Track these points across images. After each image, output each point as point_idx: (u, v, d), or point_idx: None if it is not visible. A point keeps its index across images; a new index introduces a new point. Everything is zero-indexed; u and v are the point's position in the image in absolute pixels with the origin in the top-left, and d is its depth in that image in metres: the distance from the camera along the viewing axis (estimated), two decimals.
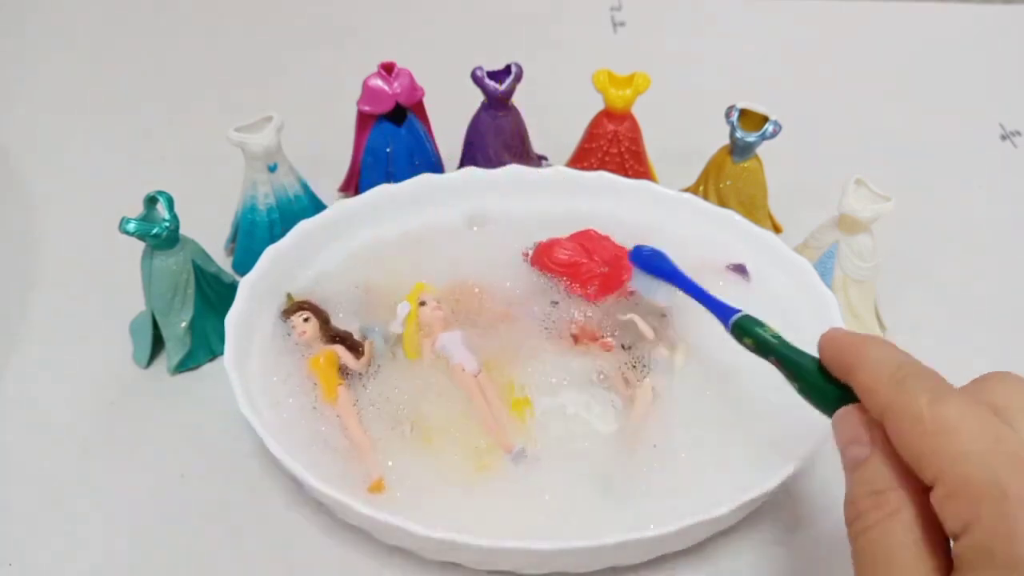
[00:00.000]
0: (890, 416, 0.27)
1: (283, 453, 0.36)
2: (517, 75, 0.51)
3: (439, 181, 0.50)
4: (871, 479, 0.27)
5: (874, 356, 0.29)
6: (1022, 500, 0.23)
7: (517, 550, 0.34)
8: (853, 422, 0.28)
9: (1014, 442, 0.24)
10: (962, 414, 0.25)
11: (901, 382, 0.27)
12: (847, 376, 0.29)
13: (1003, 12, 0.80)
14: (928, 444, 0.25)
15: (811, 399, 0.32)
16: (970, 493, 0.24)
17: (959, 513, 0.24)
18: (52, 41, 0.74)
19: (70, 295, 0.50)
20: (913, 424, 0.26)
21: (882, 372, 0.28)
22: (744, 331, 0.35)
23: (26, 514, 0.40)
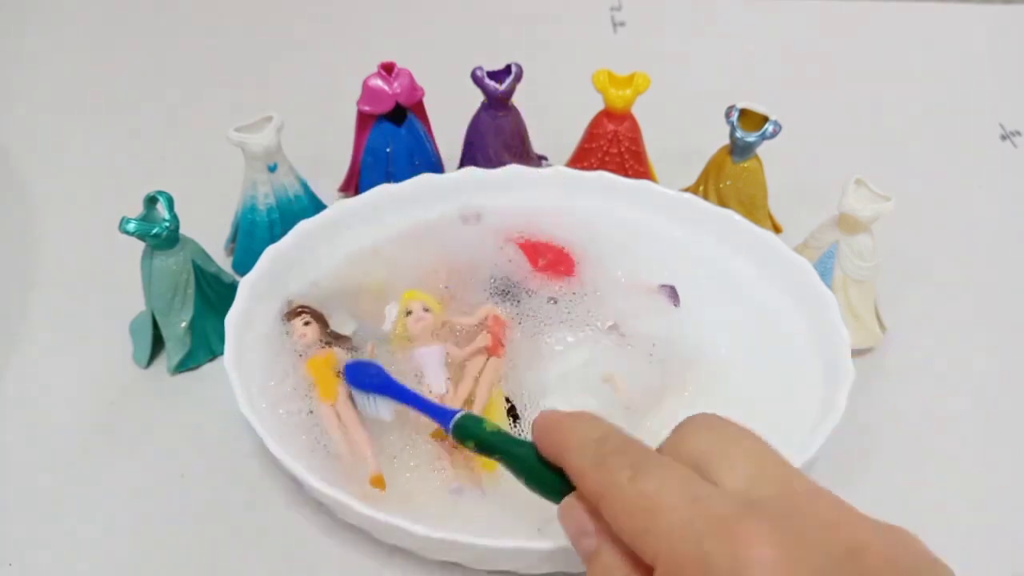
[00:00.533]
0: (599, 499, 0.26)
1: (283, 453, 0.36)
2: (517, 75, 0.51)
3: (439, 181, 0.50)
4: (605, 569, 0.26)
5: (579, 435, 0.28)
6: (722, 565, 0.22)
7: (517, 550, 0.34)
8: (577, 513, 0.27)
9: (713, 501, 0.24)
10: (661, 485, 0.25)
11: (603, 462, 0.26)
12: (559, 461, 0.28)
13: (1003, 12, 0.80)
14: (637, 525, 0.25)
15: (539, 491, 0.30)
16: (683, 571, 0.23)
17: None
18: (52, 41, 0.74)
19: (70, 295, 0.50)
20: (620, 506, 0.25)
21: (586, 452, 0.27)
22: (466, 433, 0.33)
23: (26, 514, 0.40)
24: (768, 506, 0.24)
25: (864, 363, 0.46)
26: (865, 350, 0.47)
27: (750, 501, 0.24)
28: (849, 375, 0.40)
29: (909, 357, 0.48)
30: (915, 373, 0.47)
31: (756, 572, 0.22)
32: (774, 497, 0.25)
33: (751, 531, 0.23)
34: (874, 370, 0.47)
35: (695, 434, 0.27)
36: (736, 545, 0.22)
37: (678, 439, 0.27)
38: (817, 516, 0.24)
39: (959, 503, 0.41)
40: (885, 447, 0.43)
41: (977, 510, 0.41)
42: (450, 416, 0.34)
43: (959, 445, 0.44)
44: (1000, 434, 0.45)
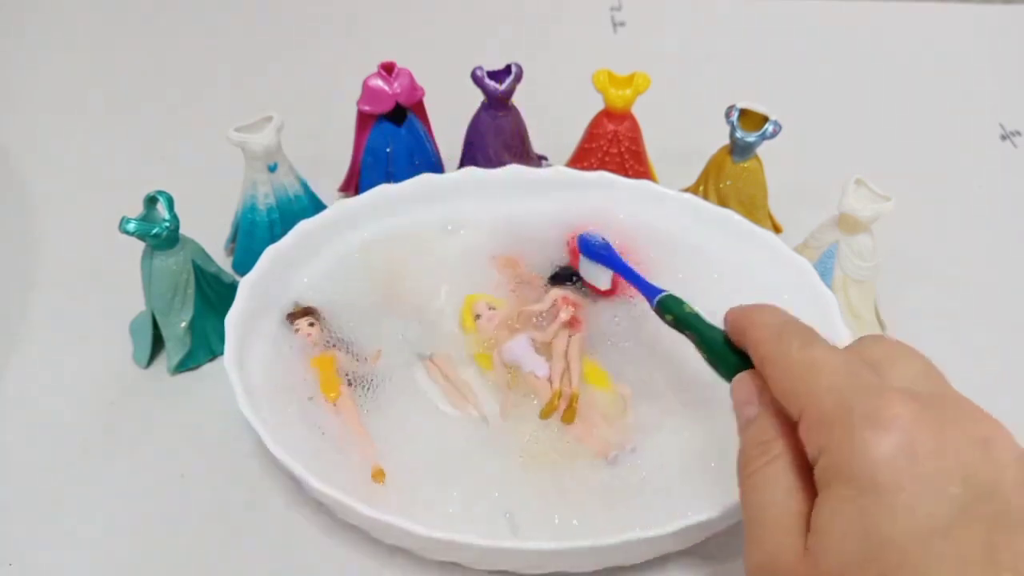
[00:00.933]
0: (768, 364, 0.29)
1: (283, 453, 0.36)
2: (517, 75, 0.51)
3: (439, 181, 0.50)
4: (759, 432, 0.28)
5: (763, 318, 0.31)
6: (865, 418, 0.24)
7: (517, 550, 0.34)
8: (747, 385, 0.30)
9: (867, 374, 0.26)
10: (826, 356, 0.27)
11: (780, 335, 0.29)
12: (743, 337, 0.31)
13: (1003, 12, 0.80)
14: (795, 383, 0.27)
15: (717, 368, 0.34)
16: (825, 420, 0.25)
17: (816, 440, 0.26)
18: (52, 41, 0.74)
19: (70, 295, 0.50)
20: (784, 367, 0.28)
21: (766, 329, 0.30)
22: (666, 308, 0.38)
23: (26, 514, 0.40)
24: (920, 394, 0.26)
25: None
26: None
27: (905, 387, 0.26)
28: None
29: None
30: None
31: (893, 424, 0.24)
32: (927, 391, 0.26)
33: (896, 397, 0.25)
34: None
35: (871, 346, 0.29)
36: (878, 403, 0.24)
37: (855, 345, 0.29)
38: (963, 411, 0.26)
39: None
40: None
41: None
42: (656, 292, 0.39)
43: None
44: None
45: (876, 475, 0.23)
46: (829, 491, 0.25)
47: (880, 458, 0.23)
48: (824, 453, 0.25)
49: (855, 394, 0.25)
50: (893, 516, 0.23)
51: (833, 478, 0.25)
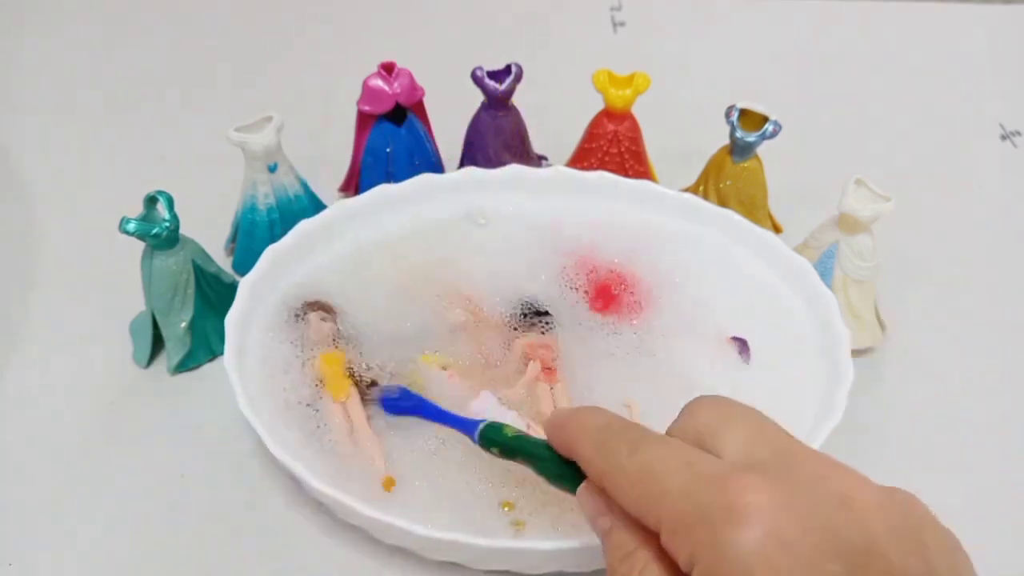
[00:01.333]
0: (604, 480, 0.27)
1: (283, 453, 0.36)
2: (517, 75, 0.51)
3: (439, 181, 0.50)
4: (619, 544, 0.27)
5: (585, 424, 0.29)
6: (721, 515, 0.23)
7: (517, 550, 0.34)
8: (592, 497, 0.29)
9: (708, 463, 0.25)
10: (657, 455, 0.26)
11: (604, 444, 0.28)
12: (570, 453, 0.30)
13: (1003, 12, 0.80)
14: (638, 493, 0.26)
15: (559, 485, 0.32)
16: (683, 528, 0.24)
17: (683, 549, 0.24)
18: (52, 41, 0.74)
19: (70, 295, 0.50)
20: (622, 480, 0.27)
21: (590, 438, 0.29)
22: (490, 441, 0.35)
23: (26, 514, 0.40)
24: (763, 464, 0.25)
25: (864, 363, 0.46)
26: (865, 350, 0.47)
27: (746, 463, 0.25)
28: (849, 375, 0.40)
29: (909, 357, 0.48)
30: (915, 373, 0.47)
31: (750, 514, 0.23)
32: (769, 457, 0.25)
33: (744, 482, 0.24)
34: (874, 370, 0.47)
35: (698, 412, 0.28)
36: (730, 494, 0.23)
37: (682, 419, 0.29)
38: (811, 470, 0.25)
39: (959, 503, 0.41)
40: (885, 447, 0.43)
41: (978, 510, 0.41)
42: (475, 426, 0.36)
43: (959, 445, 0.44)
44: (1000, 434, 0.45)
45: (753, 573, 0.22)
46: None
47: (751, 555, 0.22)
48: (697, 562, 0.24)
49: (702, 491, 0.24)
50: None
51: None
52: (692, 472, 0.25)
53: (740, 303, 0.46)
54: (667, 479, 0.25)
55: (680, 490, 0.25)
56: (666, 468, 0.25)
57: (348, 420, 0.40)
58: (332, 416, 0.40)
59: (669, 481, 0.25)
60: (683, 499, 0.24)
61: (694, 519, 0.24)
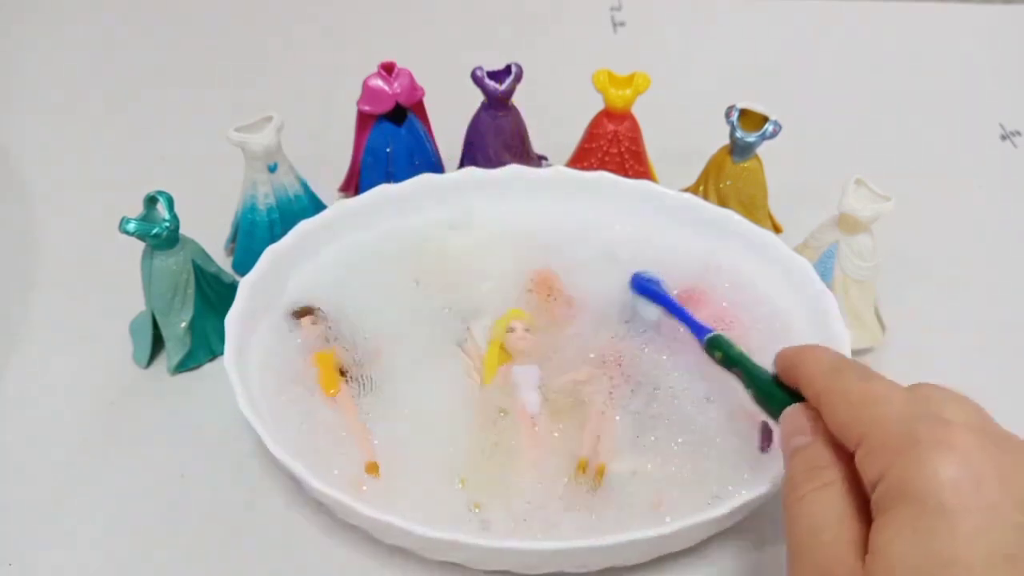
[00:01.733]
0: (825, 395, 0.29)
1: (283, 453, 0.36)
2: (517, 75, 0.51)
3: (439, 181, 0.50)
4: (810, 458, 0.29)
5: (816, 355, 0.32)
6: (932, 443, 0.25)
7: (517, 550, 0.34)
8: (798, 416, 0.31)
9: (925, 405, 0.27)
10: (887, 389, 0.28)
11: (836, 370, 0.30)
12: (793, 373, 0.32)
13: (1003, 12, 0.80)
14: (854, 413, 0.28)
15: (765, 404, 0.35)
16: (889, 446, 0.26)
17: (878, 464, 0.26)
18: (52, 41, 0.74)
19: (70, 295, 0.50)
20: (843, 398, 0.29)
21: (821, 365, 0.31)
22: (715, 346, 0.39)
23: (26, 514, 0.40)
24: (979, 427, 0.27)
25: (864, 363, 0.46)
26: (865, 350, 0.47)
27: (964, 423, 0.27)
28: None
29: (909, 357, 0.48)
30: (915, 373, 0.47)
31: (955, 451, 0.24)
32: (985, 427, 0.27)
33: (960, 429, 0.25)
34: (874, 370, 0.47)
35: (924, 387, 0.29)
36: (942, 432, 0.25)
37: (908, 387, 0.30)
38: (1017, 445, 0.26)
39: None
40: None
41: None
42: (705, 332, 0.40)
43: None
44: None
45: (942, 498, 0.24)
46: (890, 513, 0.25)
47: (947, 481, 0.24)
48: (885, 477, 0.25)
49: (920, 422, 0.26)
50: (959, 538, 0.23)
51: (896, 500, 0.25)
52: (916, 407, 0.27)
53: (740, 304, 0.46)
54: (889, 405, 0.27)
55: (898, 416, 0.26)
56: (891, 398, 0.27)
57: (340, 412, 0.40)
58: (328, 416, 0.40)
59: (890, 407, 0.27)
60: (898, 423, 0.26)
61: (902, 440, 0.25)
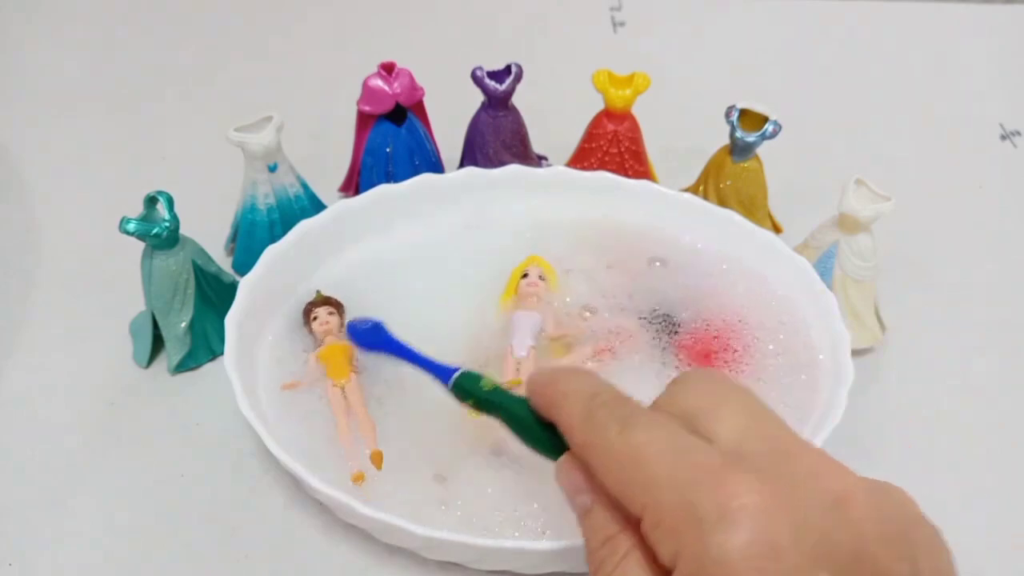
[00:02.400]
0: (588, 454, 0.26)
1: (283, 453, 0.36)
2: (517, 75, 0.51)
3: (439, 181, 0.50)
4: (599, 526, 0.26)
5: (571, 389, 0.28)
6: (712, 516, 0.22)
7: (517, 550, 0.34)
8: (572, 471, 0.27)
9: (700, 452, 0.24)
10: (649, 438, 0.25)
11: (592, 416, 0.26)
12: (551, 417, 0.28)
13: (1003, 12, 0.80)
14: (624, 476, 0.25)
15: (536, 448, 0.30)
16: (669, 521, 0.23)
17: (666, 545, 0.23)
18: (52, 41, 0.74)
19: (70, 295, 0.50)
20: (608, 459, 0.25)
21: (575, 408, 0.27)
22: (463, 391, 0.33)
23: (26, 514, 0.40)
24: (756, 458, 0.24)
25: (864, 363, 0.46)
26: (865, 350, 0.47)
27: (738, 454, 0.24)
28: (849, 375, 0.40)
29: (909, 357, 0.48)
30: (915, 373, 0.47)
31: (741, 519, 0.22)
32: (762, 451, 0.24)
33: (736, 480, 0.23)
34: (874, 370, 0.47)
35: (689, 389, 0.27)
36: (721, 494, 0.22)
37: (672, 393, 0.27)
38: (804, 467, 0.24)
39: (959, 503, 0.41)
40: (885, 447, 0.43)
41: (977, 510, 0.41)
42: (449, 374, 0.34)
43: (959, 445, 0.44)
44: (1000, 434, 0.44)
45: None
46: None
47: (739, 561, 0.21)
48: (681, 558, 0.23)
49: (692, 486, 0.23)
50: None
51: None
52: (683, 462, 0.24)
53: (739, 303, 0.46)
54: (656, 465, 0.24)
55: (669, 480, 0.23)
56: (656, 453, 0.24)
57: (345, 402, 0.41)
58: (332, 399, 0.41)
59: (658, 468, 0.24)
60: (671, 491, 0.23)
61: (682, 516, 0.23)
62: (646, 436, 0.25)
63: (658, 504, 0.23)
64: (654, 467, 0.24)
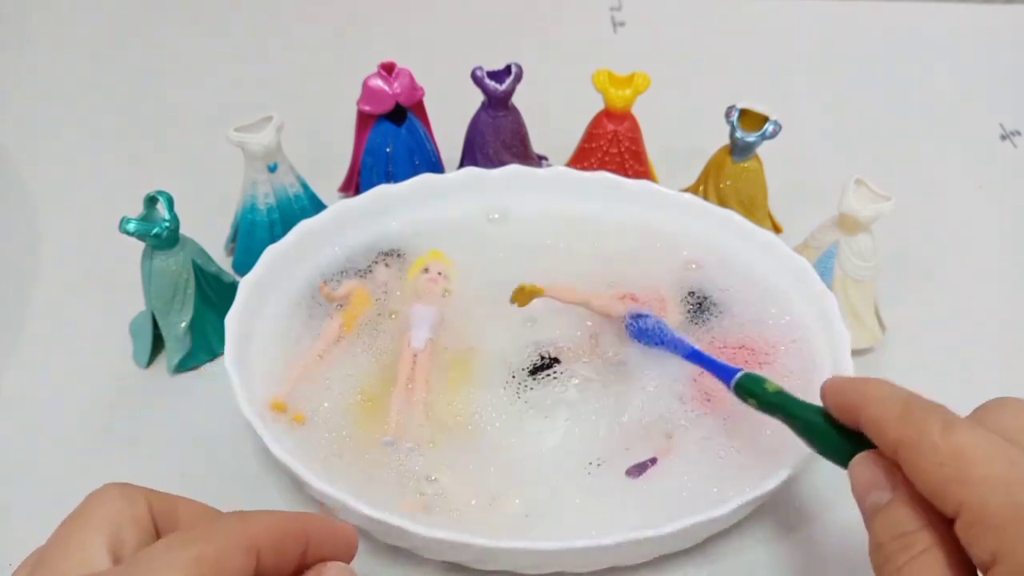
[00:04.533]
0: (904, 450, 0.26)
1: (283, 453, 0.36)
2: (517, 75, 0.51)
3: (439, 181, 0.50)
4: (896, 522, 0.26)
5: (878, 393, 0.29)
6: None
7: (517, 550, 0.34)
8: (871, 467, 0.28)
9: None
10: (975, 441, 0.25)
11: (910, 414, 0.27)
12: (854, 417, 0.29)
13: (1003, 12, 0.80)
14: (946, 474, 0.25)
15: (823, 451, 0.31)
16: (993, 521, 0.23)
17: (985, 543, 0.24)
18: (52, 40, 0.74)
19: (70, 295, 0.50)
20: (928, 455, 0.25)
21: (889, 407, 0.28)
22: (747, 391, 0.35)
23: (26, 514, 0.40)
24: None
25: (864, 363, 0.46)
26: (865, 350, 0.47)
27: None
28: (849, 375, 0.40)
29: (909, 357, 0.48)
30: (915, 373, 0.47)
31: None
32: None
33: None
34: (874, 370, 0.47)
35: (1000, 409, 0.27)
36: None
37: (987, 410, 0.28)
38: None
39: None
40: None
41: None
42: (732, 373, 0.36)
43: None
44: None
45: None
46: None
47: None
48: (1001, 560, 0.23)
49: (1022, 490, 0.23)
50: None
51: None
52: (1015, 469, 0.24)
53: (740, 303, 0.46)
54: (985, 466, 0.24)
55: (998, 480, 0.24)
56: (985, 455, 0.25)
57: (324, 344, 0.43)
58: (325, 330, 0.43)
59: (987, 469, 0.24)
60: (1000, 492, 0.24)
61: (1007, 516, 0.23)
62: (971, 439, 0.25)
63: (983, 502, 0.24)
64: (982, 467, 0.24)
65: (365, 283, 0.46)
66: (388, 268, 0.46)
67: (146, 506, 0.27)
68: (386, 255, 0.47)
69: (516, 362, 0.43)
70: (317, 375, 0.42)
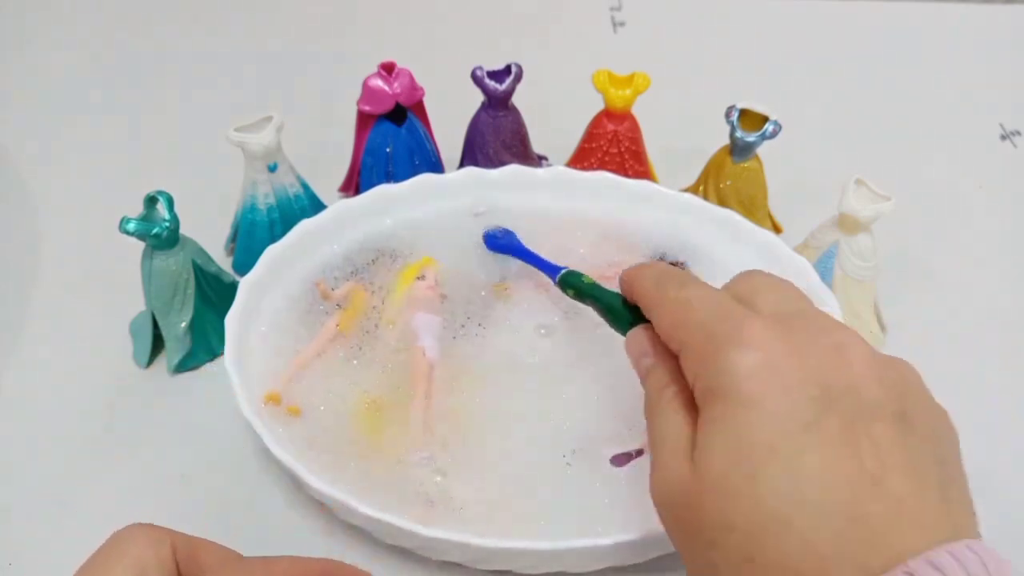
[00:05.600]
0: (651, 308, 0.32)
1: (283, 453, 0.36)
2: (517, 75, 0.51)
3: (439, 181, 0.50)
4: (657, 379, 0.30)
5: (645, 270, 0.34)
6: (727, 341, 0.27)
7: (517, 550, 0.34)
8: (640, 338, 0.33)
9: (734, 306, 0.29)
10: (698, 294, 0.30)
11: (659, 281, 0.32)
12: (633, 293, 0.34)
13: (1003, 12, 0.80)
14: (672, 321, 0.30)
15: (616, 326, 0.36)
16: (697, 350, 0.28)
17: (692, 368, 0.28)
18: (52, 41, 0.74)
19: (70, 295, 0.50)
20: (663, 307, 0.31)
21: (648, 279, 0.33)
22: (568, 284, 0.41)
23: (26, 514, 0.40)
24: (780, 315, 0.28)
25: None
26: None
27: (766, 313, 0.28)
28: None
29: (909, 357, 0.47)
30: None
31: (752, 343, 0.26)
32: (788, 311, 0.29)
33: (756, 322, 0.27)
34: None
35: (747, 279, 0.31)
36: (741, 328, 0.27)
37: (733, 282, 0.32)
38: (820, 324, 0.28)
39: None
40: None
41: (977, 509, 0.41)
42: (557, 271, 0.42)
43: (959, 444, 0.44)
44: (1000, 434, 0.44)
45: (741, 388, 0.26)
46: (706, 412, 0.27)
47: (744, 373, 0.26)
48: (698, 380, 0.27)
49: (721, 322, 0.28)
50: (760, 421, 0.25)
51: (708, 400, 0.27)
52: (720, 309, 0.28)
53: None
54: (698, 311, 0.29)
55: (703, 319, 0.28)
56: (700, 303, 0.29)
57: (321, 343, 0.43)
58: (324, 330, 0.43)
59: (699, 312, 0.29)
60: (703, 327, 0.28)
61: (706, 343, 0.27)
62: (696, 292, 0.30)
63: (691, 336, 0.28)
64: (696, 311, 0.29)
65: (364, 283, 0.46)
66: (388, 268, 0.46)
67: (171, 549, 0.28)
68: (386, 255, 0.47)
69: (516, 360, 0.43)
70: (317, 374, 0.42)
